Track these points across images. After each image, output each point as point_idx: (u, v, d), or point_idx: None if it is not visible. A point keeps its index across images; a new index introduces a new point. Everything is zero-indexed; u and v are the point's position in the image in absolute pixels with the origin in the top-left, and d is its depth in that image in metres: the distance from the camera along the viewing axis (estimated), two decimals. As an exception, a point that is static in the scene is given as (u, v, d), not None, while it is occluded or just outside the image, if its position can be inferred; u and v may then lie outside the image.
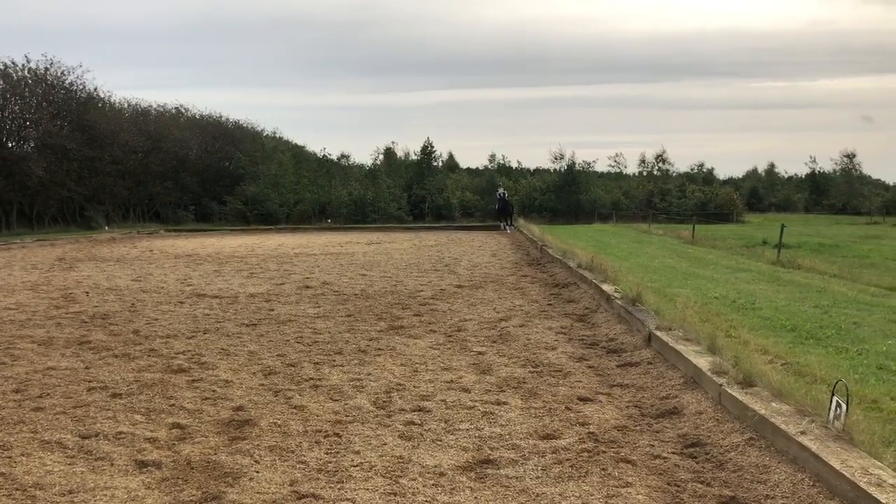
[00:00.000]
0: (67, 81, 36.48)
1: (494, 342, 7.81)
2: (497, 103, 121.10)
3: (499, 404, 5.50)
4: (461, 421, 5.11)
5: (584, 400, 5.60)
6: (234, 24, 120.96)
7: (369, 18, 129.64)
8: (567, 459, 4.36)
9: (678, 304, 8.52)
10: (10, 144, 34.29)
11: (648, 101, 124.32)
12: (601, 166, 64.07)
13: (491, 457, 4.41)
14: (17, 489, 3.98)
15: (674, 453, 4.48)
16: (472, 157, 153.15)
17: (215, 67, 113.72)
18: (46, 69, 35.29)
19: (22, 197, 34.04)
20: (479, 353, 7.29)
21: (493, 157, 63.07)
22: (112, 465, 4.35)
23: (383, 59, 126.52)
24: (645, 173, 61.71)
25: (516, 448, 4.57)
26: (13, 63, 34.27)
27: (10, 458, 4.45)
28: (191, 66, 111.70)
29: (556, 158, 53.40)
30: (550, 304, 10.35)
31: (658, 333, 6.89)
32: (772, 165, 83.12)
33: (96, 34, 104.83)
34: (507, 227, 33.07)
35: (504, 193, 35.22)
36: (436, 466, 4.28)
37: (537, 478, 4.11)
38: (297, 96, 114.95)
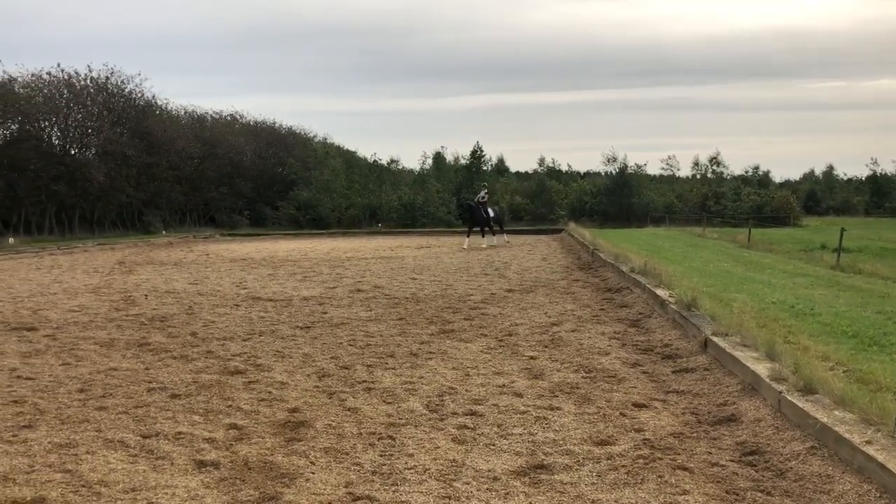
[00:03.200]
0: (127, 90, 37.51)
1: (546, 347, 7.76)
2: (547, 106, 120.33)
3: (552, 409, 5.46)
4: (514, 425, 5.09)
5: (639, 406, 5.54)
6: (286, 32, 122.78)
7: (417, 25, 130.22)
8: (622, 466, 4.31)
9: (734, 309, 8.36)
10: (72, 151, 35.39)
11: (701, 103, 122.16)
12: (653, 169, 63.24)
13: (545, 462, 4.39)
14: (83, 486, 4.10)
15: (732, 461, 4.39)
16: (521, 160, 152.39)
17: (269, 74, 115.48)
18: (107, 78, 36.34)
19: (84, 202, 35.08)
20: (531, 357, 7.26)
21: (542, 161, 62.92)
22: (172, 464, 4.45)
23: (433, 65, 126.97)
24: (698, 176, 60.63)
25: (570, 453, 4.53)
26: (76, 73, 35.38)
27: (75, 455, 4.59)
28: (245, 74, 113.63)
29: (607, 161, 52.90)
30: (603, 309, 10.25)
31: (714, 339, 6.77)
32: (830, 167, 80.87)
33: (156, 44, 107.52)
34: (491, 238, 26.05)
35: (484, 196, 26.88)
36: (489, 471, 4.27)
37: (592, 484, 4.07)
38: (348, 102, 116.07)
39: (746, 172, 62.95)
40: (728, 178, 59.74)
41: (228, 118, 47.60)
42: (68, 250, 25.88)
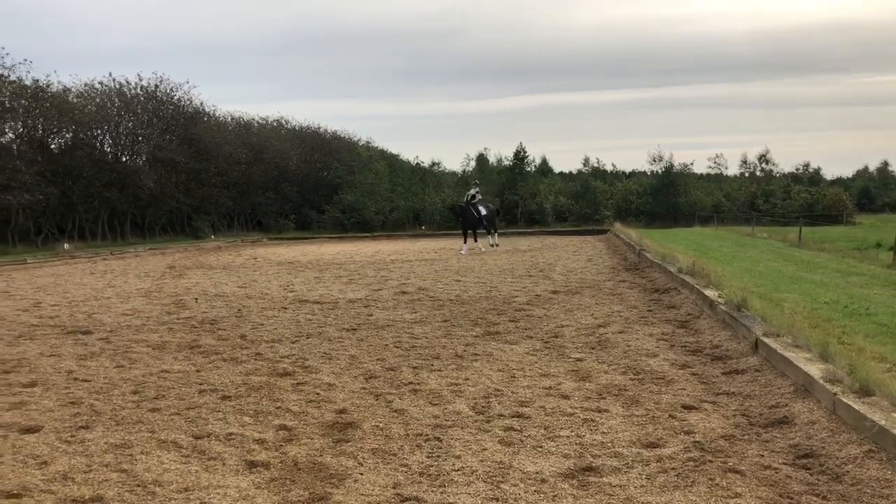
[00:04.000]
0: (176, 97, 38.31)
1: (593, 349, 7.70)
2: (590, 106, 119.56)
3: (599, 411, 5.42)
4: (561, 428, 5.07)
5: (688, 408, 5.46)
6: (330, 38, 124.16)
7: (457, 27, 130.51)
8: (672, 468, 4.26)
9: (786, 309, 8.19)
10: (124, 158, 36.28)
11: (749, 100, 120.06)
12: (700, 168, 62.40)
13: (593, 464, 4.36)
14: (139, 485, 4.20)
15: (785, 464, 4.30)
16: (565, 160, 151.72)
17: (313, 80, 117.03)
18: (156, 86, 37.16)
19: (135, 208, 35.92)
20: (578, 359, 7.21)
21: (587, 161, 62.45)
22: (224, 464, 4.52)
23: (474, 66, 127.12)
24: (747, 174, 59.61)
25: (619, 456, 4.49)
26: (127, 82, 36.26)
27: (131, 455, 4.70)
28: (290, 80, 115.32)
29: (653, 160, 52.36)
30: (650, 310, 10.13)
31: (765, 340, 6.64)
32: (885, 164, 78.83)
33: (204, 52, 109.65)
34: (483, 239, 24.77)
35: (475, 195, 24.56)
36: (537, 473, 4.26)
37: (641, 486, 4.03)
38: (391, 106, 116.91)
39: (797, 170, 61.71)
40: (777, 175, 58.64)
41: (274, 124, 48.32)
42: (121, 255, 26.52)
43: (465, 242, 23.67)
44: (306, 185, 47.08)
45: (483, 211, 24.13)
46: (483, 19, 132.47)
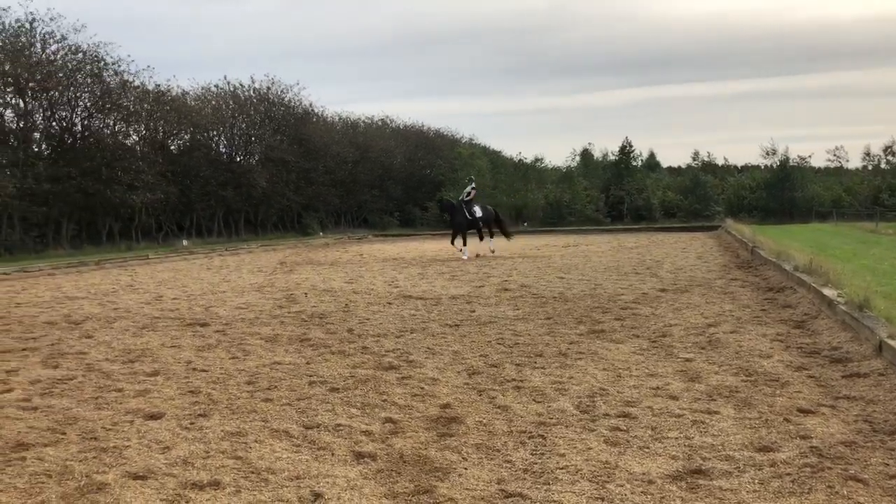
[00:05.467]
0: (286, 99, 39.68)
1: (703, 349, 7.47)
2: (699, 98, 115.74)
3: (709, 413, 5.26)
4: (669, 429, 4.94)
5: (804, 412, 5.22)
6: (432, 37, 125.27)
7: (560, 21, 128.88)
8: (787, 474, 4.08)
9: (914, 310, 7.68)
10: (238, 158, 37.85)
11: (870, 88, 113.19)
12: (818, 161, 59.28)
13: (703, 467, 4.23)
14: (253, 472, 4.38)
15: (914, 475, 4.04)
16: (673, 155, 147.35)
17: (417, 78, 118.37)
18: (268, 88, 38.62)
19: (248, 206, 37.42)
20: (687, 359, 7.01)
21: (696, 155, 60.61)
22: (333, 454, 4.65)
23: (577, 61, 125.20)
24: (870, 167, 56.25)
25: (730, 459, 4.34)
26: (241, 84, 37.82)
27: (245, 443, 4.90)
28: (395, 79, 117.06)
29: (766, 154, 50.25)
30: (764, 310, 9.73)
31: (891, 342, 6.25)
32: None
33: (313, 54, 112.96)
34: (472, 246, 22.07)
35: (470, 193, 22.32)
36: (644, 474, 4.17)
37: (754, 491, 3.88)
38: (493, 102, 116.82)
39: (927, 162, 57.73)
40: (905, 168, 55.00)
41: (380, 123, 49.31)
42: (235, 251, 27.69)
43: (456, 243, 21.65)
44: (410, 182, 47.80)
45: (478, 212, 21.81)
46: (586, 13, 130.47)
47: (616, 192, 46.38)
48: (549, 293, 12.11)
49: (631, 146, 50.26)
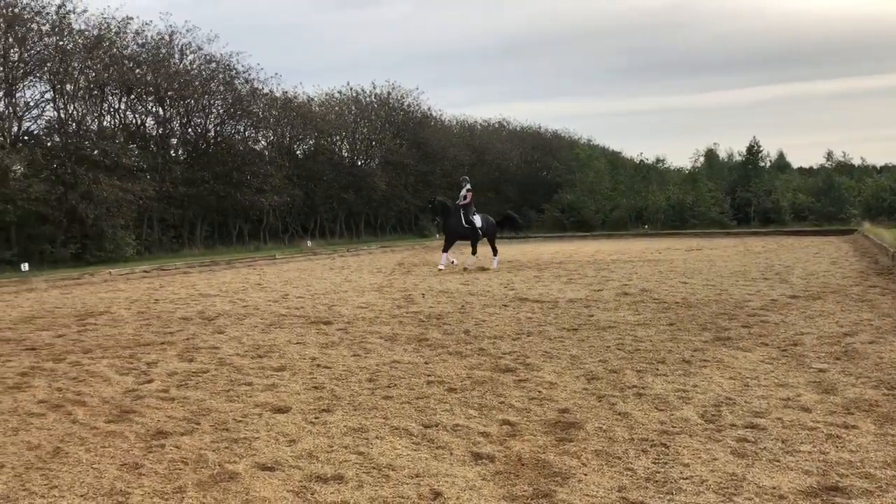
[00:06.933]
0: (406, 103, 40.46)
1: (838, 359, 7.05)
2: (833, 95, 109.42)
3: (846, 427, 4.95)
4: (801, 442, 4.69)
5: (956, 431, 4.83)
6: (550, 39, 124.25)
7: (682, 19, 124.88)
8: (937, 497, 3.79)
9: None
10: (359, 162, 38.92)
11: None
12: (972, 159, 54.70)
13: (840, 484, 3.99)
14: (374, 468, 4.48)
15: None
16: (804, 155, 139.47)
17: (534, 80, 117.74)
18: (388, 93, 39.48)
19: (368, 208, 38.40)
20: (820, 370, 6.64)
21: (829, 155, 57.35)
22: (451, 454, 4.70)
23: (701, 59, 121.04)
24: None
25: (870, 477, 4.08)
26: (363, 90, 38.88)
27: (366, 439, 5.02)
28: (512, 82, 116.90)
29: (909, 153, 46.76)
30: (907, 319, 9.08)
31: None
32: None
33: (432, 60, 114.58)
34: (466, 256, 20.20)
35: (467, 196, 19.30)
36: (774, 488, 3.98)
37: (899, 514, 3.63)
38: (613, 103, 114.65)
39: None
40: None
41: (496, 125, 49.44)
42: (356, 252, 28.47)
43: (445, 251, 19.07)
44: (526, 184, 47.65)
45: (478, 221, 19.23)
46: (709, 10, 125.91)
47: (742, 194, 44.45)
48: (671, 298, 11.76)
49: (758, 146, 48.09)
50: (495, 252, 19.70)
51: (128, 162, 26.01)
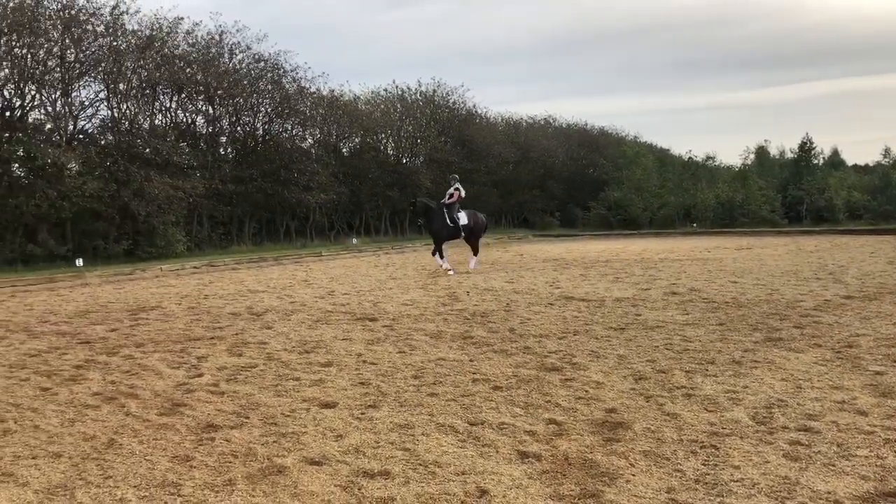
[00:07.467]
0: (451, 101, 40.48)
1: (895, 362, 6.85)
2: (890, 91, 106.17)
3: (905, 432, 4.81)
4: (857, 446, 4.57)
5: None
6: (597, 36, 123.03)
7: (730, 15, 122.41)
8: None
9: None
10: (404, 160, 39.06)
11: None
12: None
13: (898, 491, 3.88)
14: (420, 464, 4.49)
15: None
16: (860, 152, 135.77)
17: (581, 77, 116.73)
18: (434, 91, 39.54)
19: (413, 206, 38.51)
20: (877, 372, 6.46)
21: (887, 151, 55.70)
22: (497, 452, 4.68)
23: (750, 55, 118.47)
24: None
25: (931, 485, 3.95)
26: (408, 88, 39.03)
27: (412, 436, 5.04)
28: (559, 79, 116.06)
29: (972, 150, 45.21)
30: (969, 321, 8.78)
31: None
32: None
33: (477, 58, 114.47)
34: (460, 258, 19.76)
35: (453, 193, 18.48)
36: (829, 493, 3.88)
37: (961, 523, 3.51)
38: (661, 100, 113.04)
39: None
40: None
41: (542, 122, 49.18)
42: (400, 250, 28.61)
43: (441, 256, 17.82)
44: (572, 182, 47.31)
45: (463, 219, 18.20)
46: (758, 6, 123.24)
47: (794, 192, 43.48)
48: (720, 298, 11.56)
49: (811, 143, 46.98)
50: (475, 252, 18.77)
51: (178, 160, 26.53)
